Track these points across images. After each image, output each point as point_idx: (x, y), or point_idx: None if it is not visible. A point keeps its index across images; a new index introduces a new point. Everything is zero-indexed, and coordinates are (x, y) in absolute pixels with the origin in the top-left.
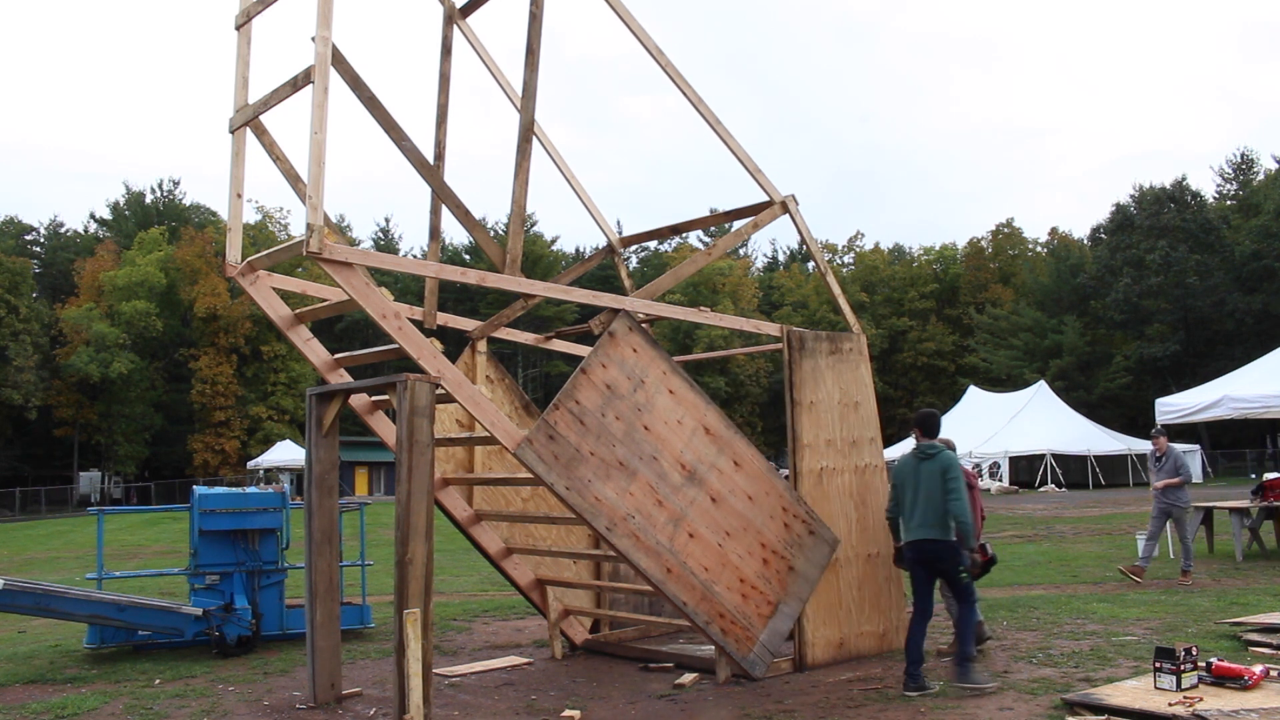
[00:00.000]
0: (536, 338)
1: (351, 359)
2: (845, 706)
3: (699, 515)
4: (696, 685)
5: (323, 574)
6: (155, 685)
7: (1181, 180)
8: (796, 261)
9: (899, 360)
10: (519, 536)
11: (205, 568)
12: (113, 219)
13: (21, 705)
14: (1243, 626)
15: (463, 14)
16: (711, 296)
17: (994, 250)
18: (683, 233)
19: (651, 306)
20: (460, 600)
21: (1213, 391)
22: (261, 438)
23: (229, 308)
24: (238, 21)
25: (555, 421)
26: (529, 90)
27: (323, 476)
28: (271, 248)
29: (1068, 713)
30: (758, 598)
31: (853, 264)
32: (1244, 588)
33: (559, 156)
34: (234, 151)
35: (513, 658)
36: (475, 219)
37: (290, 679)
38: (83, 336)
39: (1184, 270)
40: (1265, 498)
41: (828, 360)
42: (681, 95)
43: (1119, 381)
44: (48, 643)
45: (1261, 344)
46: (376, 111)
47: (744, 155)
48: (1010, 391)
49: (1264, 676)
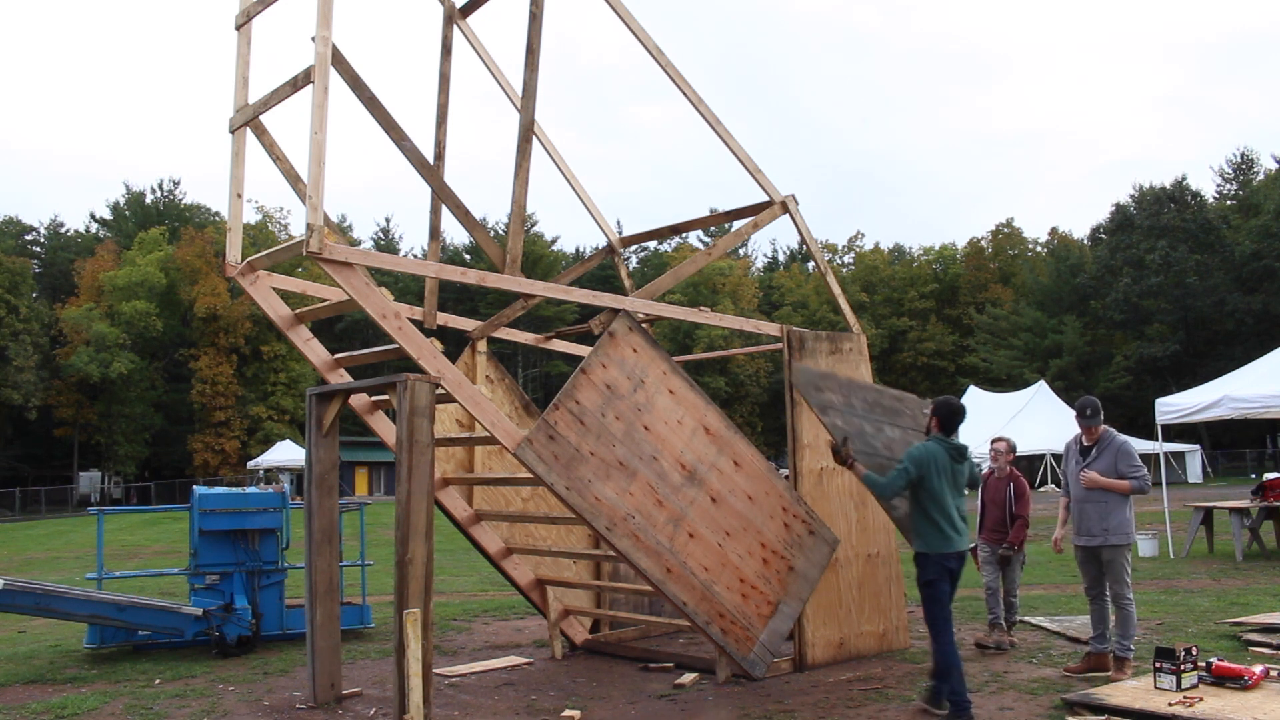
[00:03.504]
0: (536, 338)
1: (351, 359)
2: (845, 706)
3: (699, 515)
4: (696, 685)
5: (323, 574)
6: (155, 685)
7: (1181, 180)
8: (796, 261)
9: (899, 360)
10: (519, 536)
11: (205, 568)
12: (113, 219)
13: (21, 705)
14: (1243, 626)
15: (463, 14)
16: (711, 296)
17: (994, 250)
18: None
19: (651, 306)
20: (460, 600)
21: (1213, 391)
22: (261, 438)
23: (229, 308)
24: (238, 21)
25: (555, 421)
26: (529, 90)
27: (323, 476)
28: (271, 248)
29: (1068, 713)
30: (758, 598)
31: (853, 264)
32: (1244, 588)
33: (559, 157)
34: (234, 151)
35: (513, 658)
36: (475, 219)
37: (290, 679)
38: (83, 336)
39: (1184, 270)
40: (1265, 498)
41: (828, 360)
42: (684, 98)
43: (1119, 381)
44: (48, 643)
45: (1261, 344)
46: (376, 111)
47: (744, 155)
48: (1010, 391)
49: (1264, 676)
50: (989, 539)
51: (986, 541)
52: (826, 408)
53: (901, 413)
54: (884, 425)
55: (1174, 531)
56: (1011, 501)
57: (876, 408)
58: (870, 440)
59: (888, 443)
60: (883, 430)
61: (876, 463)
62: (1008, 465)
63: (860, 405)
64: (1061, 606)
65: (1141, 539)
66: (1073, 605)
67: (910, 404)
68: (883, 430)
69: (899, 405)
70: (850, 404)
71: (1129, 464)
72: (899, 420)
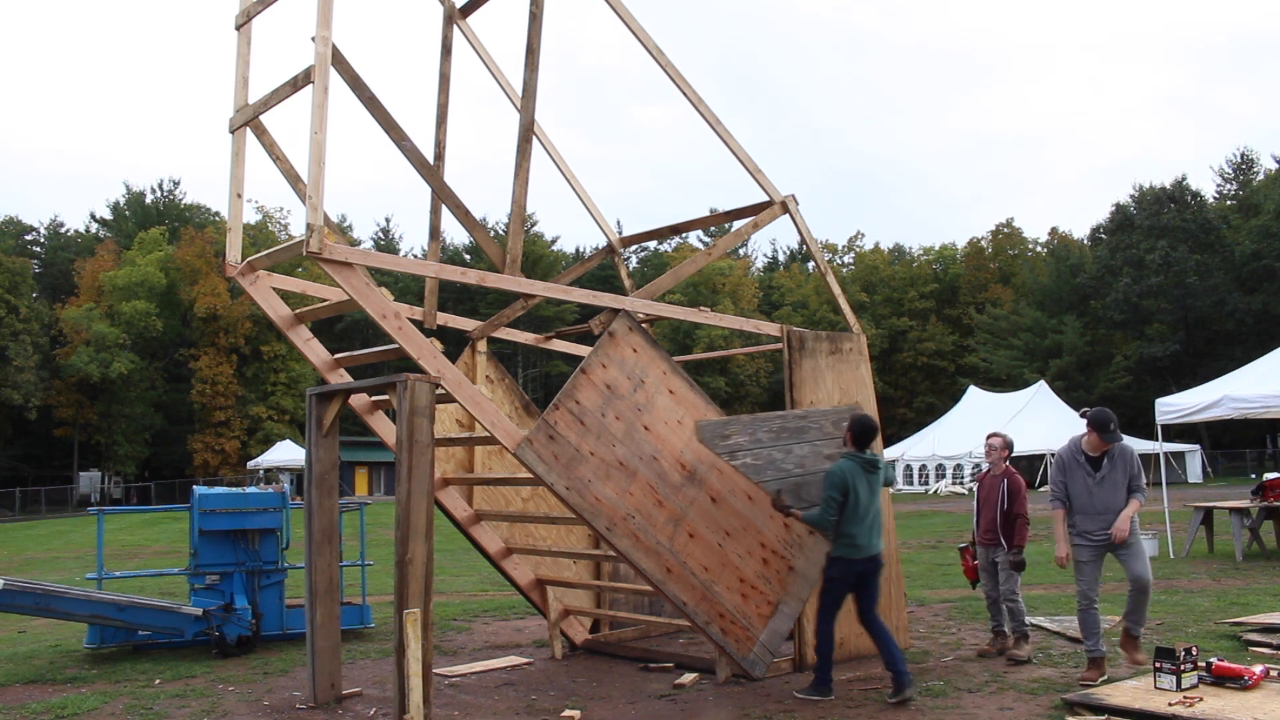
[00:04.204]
0: (536, 338)
1: (351, 359)
2: (845, 707)
3: (699, 515)
4: (696, 685)
5: (323, 574)
6: (155, 685)
7: (1181, 180)
8: (796, 261)
9: (899, 360)
10: (519, 536)
11: (205, 568)
12: (113, 219)
13: (21, 705)
14: (1243, 626)
15: (463, 14)
16: (711, 296)
17: (994, 250)
18: (683, 233)
19: (651, 306)
20: (460, 600)
21: (1213, 391)
22: (261, 438)
23: (229, 308)
24: (238, 21)
25: (555, 421)
26: (529, 90)
27: (323, 476)
28: (271, 248)
29: (1068, 713)
30: (758, 598)
31: (853, 264)
32: (1244, 588)
33: (559, 157)
34: (234, 151)
35: (513, 658)
36: (475, 219)
37: (290, 679)
38: (83, 336)
39: (1184, 270)
40: (1265, 498)
41: (828, 360)
42: (684, 98)
43: (1119, 381)
44: (48, 643)
45: (1261, 344)
46: (376, 111)
47: (744, 155)
48: (1010, 391)
49: (1264, 676)
50: (983, 541)
51: (981, 544)
52: (735, 452)
53: (807, 429)
54: (792, 446)
55: (1174, 531)
56: (1005, 500)
57: (783, 433)
58: (782, 465)
59: (799, 460)
60: (791, 451)
61: (793, 481)
62: (1002, 462)
63: (766, 436)
64: (1061, 606)
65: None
66: (1072, 605)
67: (814, 417)
68: (791, 451)
69: (803, 423)
70: (757, 439)
71: (1140, 478)
72: (805, 436)
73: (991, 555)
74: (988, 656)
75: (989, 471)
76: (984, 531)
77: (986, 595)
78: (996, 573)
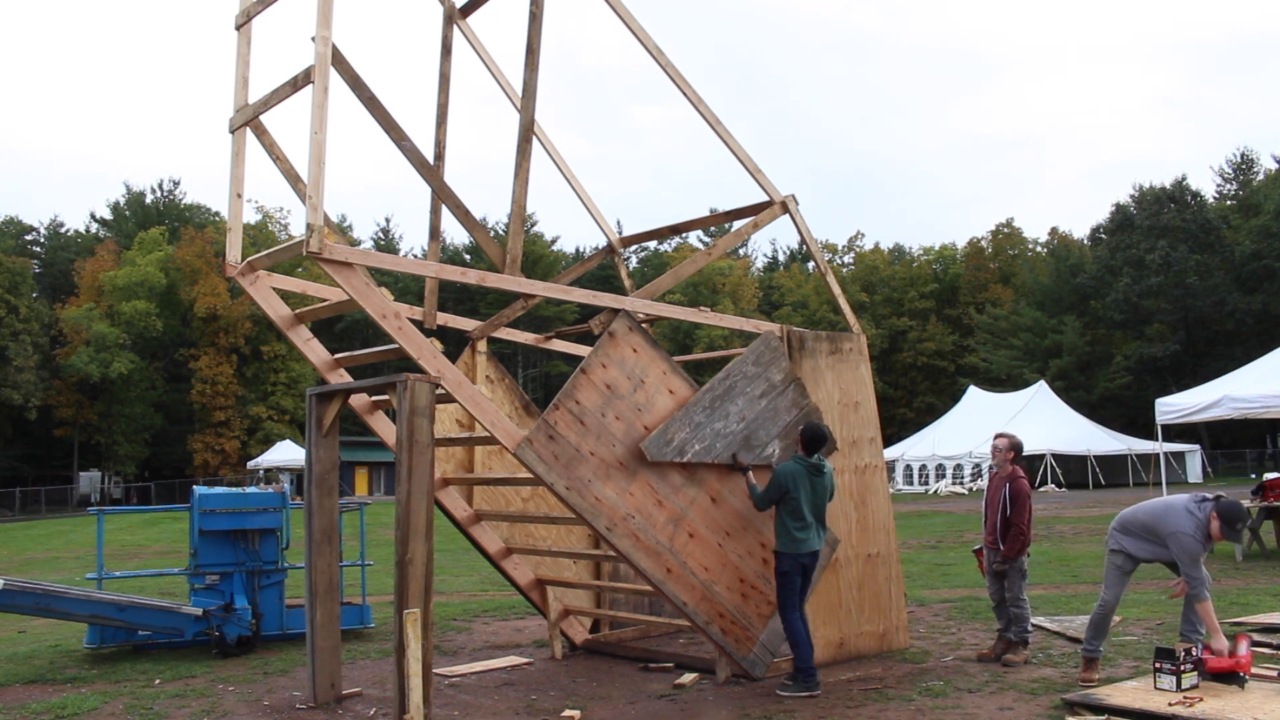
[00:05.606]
0: (536, 338)
1: (351, 359)
2: (845, 706)
3: (699, 515)
4: (696, 685)
5: (323, 574)
6: (155, 685)
7: (1181, 180)
8: (796, 261)
9: (899, 360)
10: (519, 536)
11: (205, 568)
12: (113, 219)
13: (21, 705)
14: (1243, 626)
15: (463, 14)
16: (711, 296)
17: (994, 250)
18: (683, 233)
19: (651, 306)
20: (460, 600)
21: (1213, 391)
22: (261, 438)
23: (229, 308)
24: (238, 21)
25: (555, 421)
26: (529, 90)
27: (323, 476)
28: (271, 248)
29: (1068, 713)
30: (758, 598)
31: (853, 264)
32: (1244, 588)
33: (559, 157)
34: (234, 151)
35: (513, 658)
36: (475, 219)
37: (290, 679)
38: (83, 336)
39: (1184, 270)
40: (1265, 498)
41: (828, 360)
42: (684, 98)
43: (1119, 381)
44: (48, 643)
45: (1261, 344)
46: (376, 111)
47: (744, 155)
48: (1010, 391)
49: (1249, 651)
50: (988, 543)
51: (987, 547)
52: (683, 448)
53: (732, 385)
54: (727, 408)
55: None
56: (1006, 505)
57: (715, 403)
58: (725, 430)
59: (739, 415)
60: (729, 413)
61: (741, 436)
62: (1007, 464)
63: (703, 417)
64: (1061, 606)
65: None
66: (1073, 605)
67: (734, 369)
68: (729, 413)
69: (727, 381)
70: (696, 424)
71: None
72: (734, 391)
73: (994, 559)
74: (986, 660)
75: (996, 472)
76: (988, 534)
77: (991, 597)
78: (998, 578)
